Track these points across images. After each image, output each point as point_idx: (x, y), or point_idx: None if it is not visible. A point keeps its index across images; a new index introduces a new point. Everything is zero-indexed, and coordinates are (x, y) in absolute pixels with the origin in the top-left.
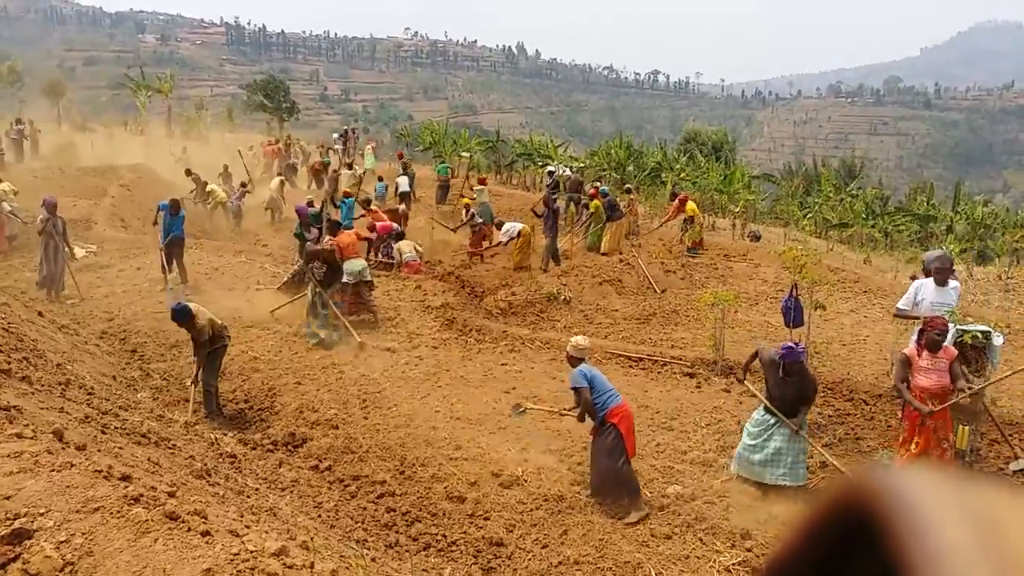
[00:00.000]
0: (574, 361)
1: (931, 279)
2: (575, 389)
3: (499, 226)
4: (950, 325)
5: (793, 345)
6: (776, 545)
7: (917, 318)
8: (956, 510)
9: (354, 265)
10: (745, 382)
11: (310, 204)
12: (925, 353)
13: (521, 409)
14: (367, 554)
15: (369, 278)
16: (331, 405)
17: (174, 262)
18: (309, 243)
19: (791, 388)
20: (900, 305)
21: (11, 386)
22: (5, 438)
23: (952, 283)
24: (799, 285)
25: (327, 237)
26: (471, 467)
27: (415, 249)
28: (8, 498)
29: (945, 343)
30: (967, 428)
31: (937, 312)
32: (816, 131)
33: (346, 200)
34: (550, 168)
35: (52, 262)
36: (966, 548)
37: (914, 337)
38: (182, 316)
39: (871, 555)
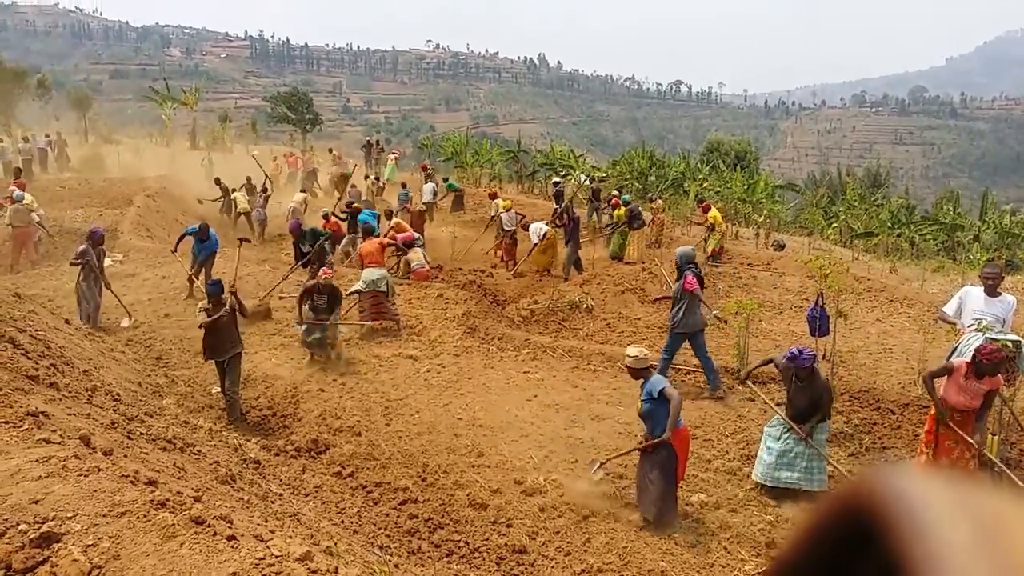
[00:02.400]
0: (639, 373)
1: (980, 288)
2: (664, 394)
3: (525, 227)
4: (980, 335)
5: (797, 352)
6: (781, 548)
7: (954, 323)
8: (958, 512)
9: (371, 274)
10: (748, 383)
11: (325, 218)
12: (971, 374)
13: (597, 465)
14: (390, 560)
15: (384, 289)
16: (354, 412)
17: (202, 272)
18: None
19: (803, 394)
20: (944, 309)
21: (39, 392)
22: (33, 443)
23: (1008, 297)
24: (824, 294)
25: (324, 265)
26: (493, 474)
27: (423, 258)
28: (36, 502)
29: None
30: (996, 438)
31: (980, 319)
32: (840, 141)
33: (366, 211)
34: (555, 179)
35: (91, 297)
36: (968, 549)
37: (965, 351)
38: (216, 288)
39: (874, 556)
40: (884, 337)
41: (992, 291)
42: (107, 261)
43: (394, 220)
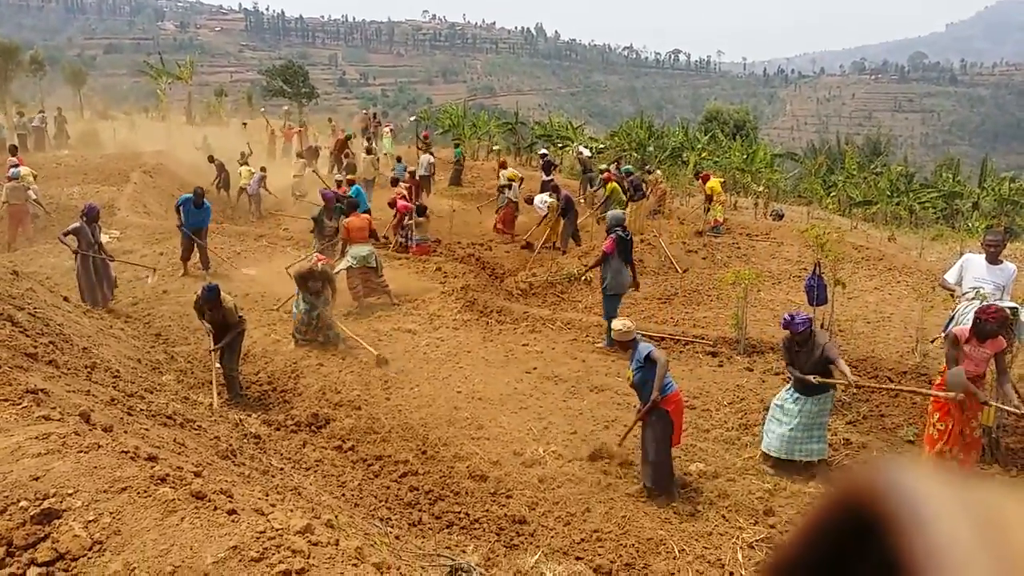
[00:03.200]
0: (627, 344)
1: (981, 255)
2: (651, 358)
3: (529, 201)
4: (976, 303)
5: (790, 317)
6: (782, 542)
7: (953, 291)
8: (958, 506)
9: (360, 250)
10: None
11: (339, 185)
12: (973, 339)
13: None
14: (391, 532)
15: (374, 264)
16: (353, 386)
17: (194, 248)
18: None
19: (807, 360)
20: (946, 276)
21: (38, 370)
22: (33, 420)
23: (1009, 265)
24: (822, 263)
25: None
26: (493, 446)
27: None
28: (37, 479)
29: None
30: (993, 407)
31: (978, 287)
32: (839, 109)
33: (353, 187)
34: (543, 151)
35: (93, 274)
36: (969, 542)
37: (962, 320)
38: (212, 293)
39: (874, 551)
40: (882, 306)
41: (994, 258)
42: (104, 237)
43: (398, 188)
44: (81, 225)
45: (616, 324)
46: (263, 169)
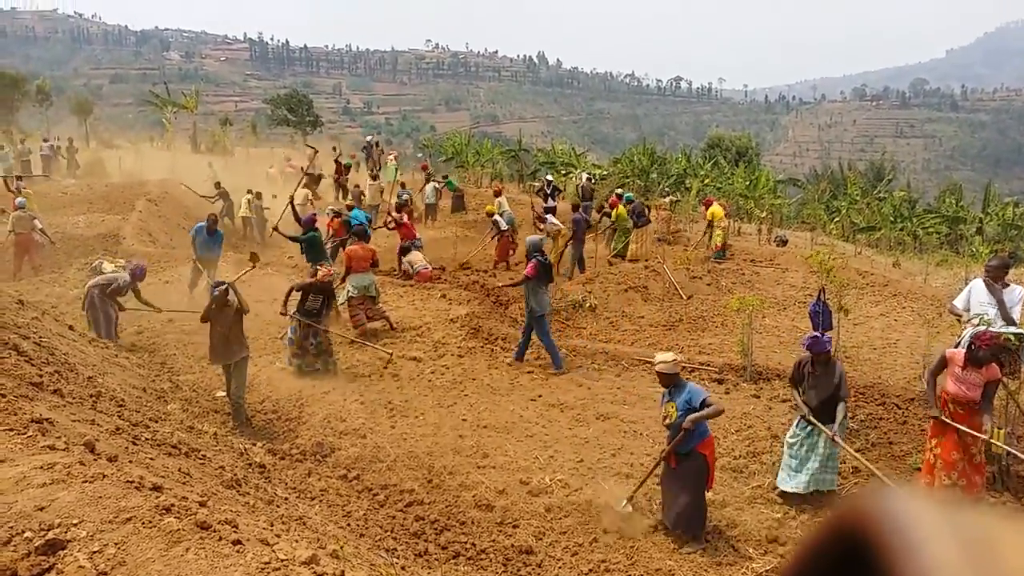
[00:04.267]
0: (671, 379)
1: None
2: (706, 403)
3: (542, 220)
4: (980, 328)
5: (815, 337)
6: (780, 568)
7: (959, 316)
8: (947, 529)
9: (361, 280)
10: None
11: (334, 216)
12: (968, 364)
13: (625, 501)
14: (397, 562)
15: (374, 294)
16: (358, 415)
17: (203, 276)
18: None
19: (822, 385)
20: (955, 302)
21: (43, 399)
22: (38, 450)
23: (1016, 288)
24: (827, 289)
25: (324, 266)
26: (499, 475)
27: (423, 259)
28: (42, 509)
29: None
30: (1003, 431)
31: (985, 312)
32: (841, 135)
33: (352, 212)
34: (548, 177)
35: (104, 314)
36: (958, 566)
37: (962, 343)
38: (221, 289)
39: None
40: (888, 332)
41: (998, 282)
42: (109, 267)
43: (403, 213)
44: (128, 283)
45: (664, 356)
46: (260, 197)
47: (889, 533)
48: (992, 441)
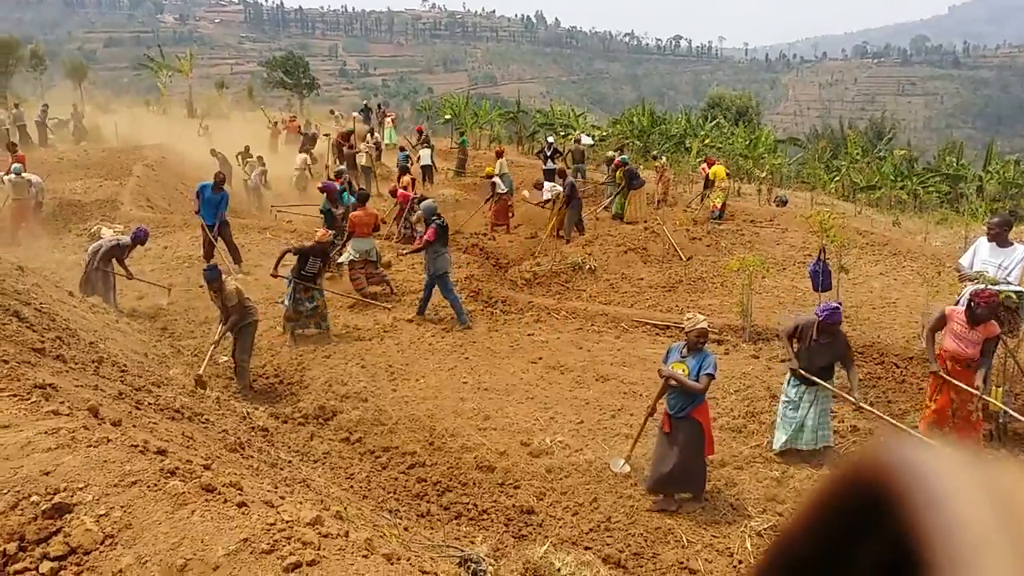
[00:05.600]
0: (700, 344)
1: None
2: (710, 375)
3: (539, 186)
4: (980, 285)
5: (836, 305)
6: (785, 522)
7: (969, 277)
8: (973, 483)
9: (362, 244)
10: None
11: (339, 176)
12: (965, 321)
13: (623, 462)
14: (400, 523)
15: (375, 258)
16: (360, 378)
17: (219, 241)
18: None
19: (825, 351)
20: (961, 261)
21: (46, 365)
22: (42, 415)
23: (1018, 246)
24: (827, 249)
25: (317, 229)
26: (500, 437)
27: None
28: (47, 473)
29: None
30: (1001, 389)
31: (984, 270)
32: (842, 93)
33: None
34: (550, 138)
35: (108, 284)
36: (987, 521)
37: (961, 301)
38: (212, 274)
39: (884, 531)
40: (888, 291)
41: (1000, 240)
42: (108, 232)
43: (406, 178)
44: (129, 245)
45: (697, 318)
46: (262, 162)
47: (910, 486)
48: (989, 399)
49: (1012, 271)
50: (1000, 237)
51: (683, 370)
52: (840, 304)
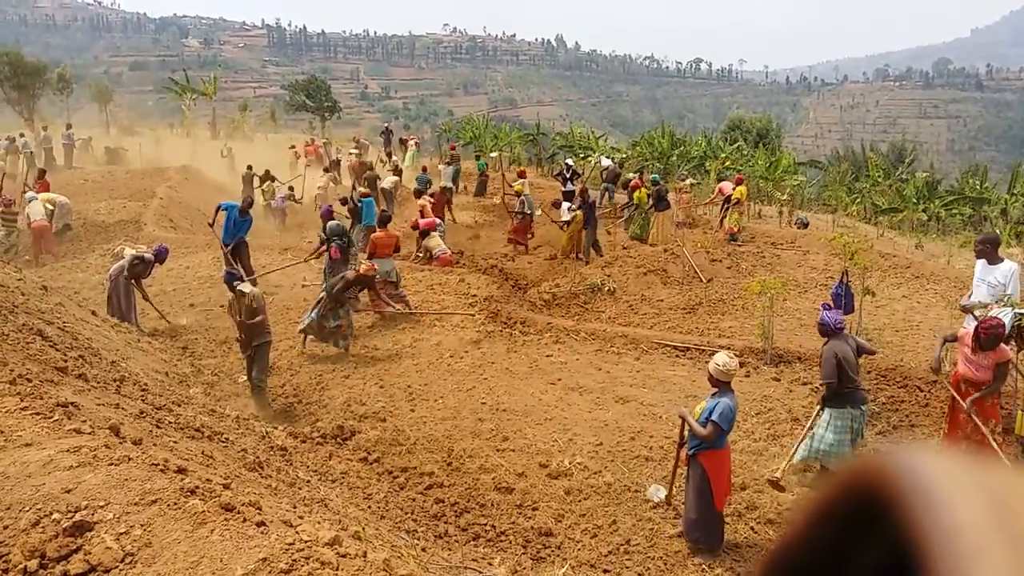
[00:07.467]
0: (720, 384)
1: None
2: (715, 424)
3: (557, 205)
4: (1006, 311)
5: (824, 314)
6: (785, 526)
7: (969, 308)
8: (972, 487)
9: (384, 265)
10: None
11: (344, 203)
12: (975, 347)
13: (663, 493)
14: (417, 544)
15: (395, 279)
16: (378, 398)
17: (238, 263)
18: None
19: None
20: (961, 301)
21: (68, 383)
22: (64, 434)
23: (1007, 264)
24: (849, 272)
25: (362, 261)
26: (518, 458)
27: (443, 244)
28: (69, 491)
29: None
30: (1022, 413)
31: (978, 288)
32: (863, 116)
33: (364, 200)
34: (568, 161)
35: (129, 300)
36: (985, 524)
37: (970, 324)
38: (230, 278)
39: (882, 534)
40: (911, 314)
41: (990, 258)
42: (131, 253)
43: (421, 200)
44: (152, 261)
45: (723, 358)
46: (291, 189)
47: (909, 491)
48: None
49: (1007, 288)
50: (988, 255)
51: (701, 407)
52: (838, 318)
